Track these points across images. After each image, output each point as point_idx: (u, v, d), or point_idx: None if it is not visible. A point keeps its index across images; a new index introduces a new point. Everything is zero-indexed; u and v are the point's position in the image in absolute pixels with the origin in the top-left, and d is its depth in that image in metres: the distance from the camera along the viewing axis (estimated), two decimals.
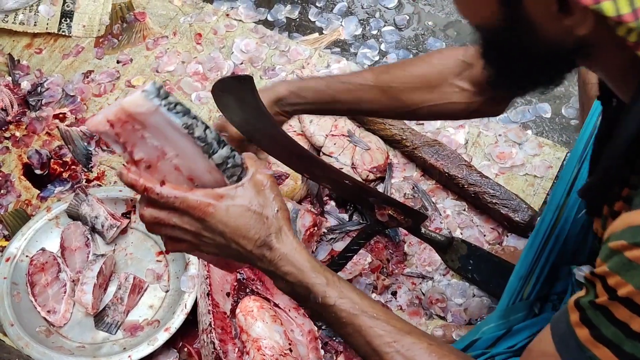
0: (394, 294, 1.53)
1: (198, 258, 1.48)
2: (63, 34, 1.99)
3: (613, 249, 0.71)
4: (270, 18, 2.02)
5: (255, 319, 1.35)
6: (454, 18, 2.00)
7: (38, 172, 1.75)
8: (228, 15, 2.01)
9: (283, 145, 1.22)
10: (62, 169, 1.75)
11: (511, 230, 1.58)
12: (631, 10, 0.66)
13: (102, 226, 1.57)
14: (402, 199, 1.62)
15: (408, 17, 2.01)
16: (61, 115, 1.84)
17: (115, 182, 1.72)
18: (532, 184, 1.66)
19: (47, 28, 1.99)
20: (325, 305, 0.83)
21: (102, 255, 1.52)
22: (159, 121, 0.81)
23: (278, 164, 1.63)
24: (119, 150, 0.84)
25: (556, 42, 0.72)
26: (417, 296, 1.53)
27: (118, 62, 1.94)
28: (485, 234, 1.59)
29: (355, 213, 1.63)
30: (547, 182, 1.66)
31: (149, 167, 0.83)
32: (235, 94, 1.21)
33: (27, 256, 1.55)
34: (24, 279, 1.52)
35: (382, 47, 1.94)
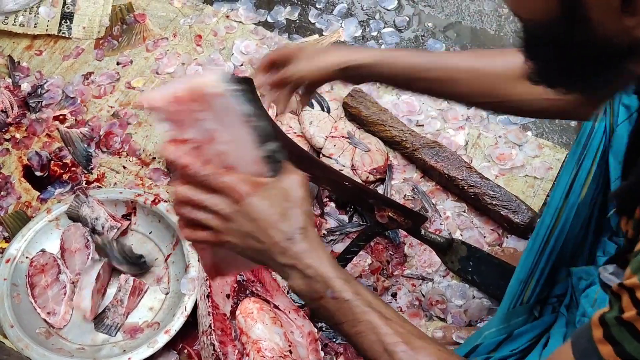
0: (394, 295, 1.53)
1: (198, 258, 1.48)
2: (63, 35, 1.99)
3: None
4: (270, 20, 2.02)
5: (255, 321, 1.35)
6: (454, 19, 2.00)
7: (38, 173, 1.75)
8: (228, 16, 2.02)
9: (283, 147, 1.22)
10: (62, 171, 1.75)
11: (511, 232, 1.58)
12: None
13: (103, 228, 1.56)
14: (402, 201, 1.62)
15: (408, 19, 2.01)
16: (61, 116, 1.84)
17: (116, 183, 1.72)
18: (532, 186, 1.66)
19: (47, 30, 1.99)
20: (341, 300, 0.84)
21: (100, 260, 1.52)
22: (224, 105, 0.85)
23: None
24: (166, 128, 0.86)
25: (611, 41, 0.70)
26: (417, 298, 1.53)
27: (118, 63, 1.94)
28: (485, 236, 1.59)
29: (355, 214, 1.63)
30: (547, 184, 1.66)
31: (196, 149, 0.86)
32: None
33: (27, 257, 1.55)
34: (24, 280, 1.52)
35: (382, 48, 1.94)
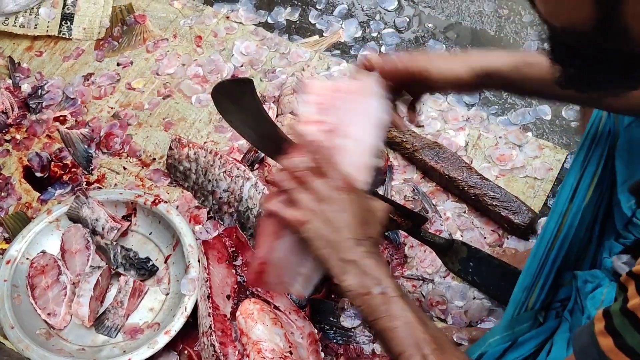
0: None
1: (198, 259, 1.48)
2: (63, 36, 1.99)
3: None
4: (270, 20, 2.02)
5: (256, 322, 1.35)
6: (454, 20, 2.00)
7: (38, 174, 1.75)
8: (228, 17, 2.02)
9: (283, 148, 1.22)
10: (62, 172, 1.75)
11: (511, 233, 1.58)
12: None
13: (103, 229, 1.57)
14: (402, 201, 1.62)
15: (408, 20, 2.01)
16: (61, 117, 1.84)
17: (116, 184, 1.72)
18: (533, 186, 1.66)
19: (47, 31, 1.99)
20: (387, 297, 0.90)
21: (99, 267, 1.52)
22: (370, 107, 0.96)
23: (278, 166, 1.63)
24: (308, 110, 0.97)
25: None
26: (418, 298, 1.53)
27: (118, 64, 1.94)
28: (485, 236, 1.59)
29: None
30: (548, 184, 1.66)
31: (324, 132, 0.96)
32: (235, 97, 1.21)
33: (27, 259, 1.55)
34: (25, 281, 1.52)
35: (382, 49, 1.94)
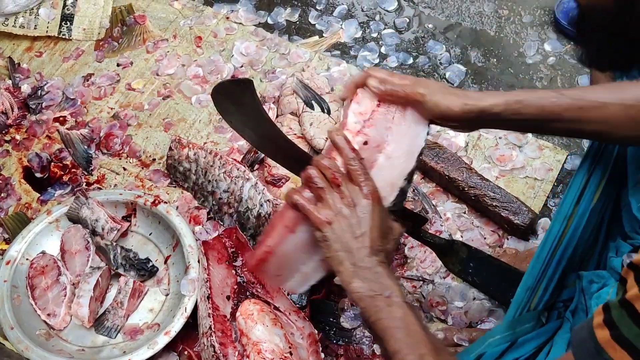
0: None
1: (198, 259, 1.48)
2: (63, 37, 1.99)
3: None
4: (270, 21, 2.02)
5: (256, 322, 1.35)
6: (454, 21, 2.00)
7: (38, 175, 1.75)
8: (228, 18, 2.02)
9: (283, 148, 1.22)
10: (62, 172, 1.75)
11: (511, 233, 1.58)
12: None
13: (103, 229, 1.56)
14: None
15: (408, 20, 2.01)
16: (61, 118, 1.84)
17: (116, 185, 1.72)
18: (533, 187, 1.66)
19: (47, 31, 1.99)
20: (392, 300, 0.94)
21: (99, 268, 1.52)
22: (412, 132, 1.01)
23: (278, 167, 1.63)
24: (354, 120, 1.01)
25: None
26: (418, 299, 1.53)
27: (118, 65, 1.94)
28: (485, 237, 1.59)
29: None
30: (548, 185, 1.66)
31: (365, 144, 1.00)
32: (235, 97, 1.21)
33: (27, 259, 1.55)
34: (24, 282, 1.52)
35: (382, 49, 1.94)
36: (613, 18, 0.73)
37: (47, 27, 1.99)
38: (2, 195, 1.72)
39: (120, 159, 1.77)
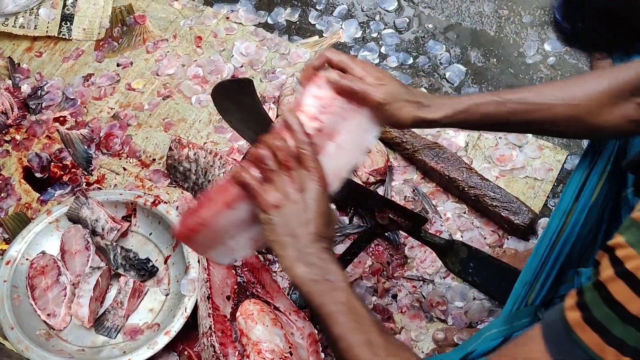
0: (395, 297, 1.53)
1: (198, 259, 1.48)
2: (63, 37, 1.99)
3: (634, 220, 0.70)
4: (270, 21, 2.02)
5: (256, 322, 1.35)
6: (454, 21, 2.00)
7: (38, 175, 1.75)
8: (228, 18, 2.02)
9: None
10: (62, 172, 1.75)
11: (511, 233, 1.58)
12: None
13: (103, 229, 1.56)
14: (402, 202, 1.62)
15: (408, 20, 2.01)
16: (61, 118, 1.84)
17: (116, 185, 1.72)
18: (533, 187, 1.66)
19: (47, 31, 1.99)
20: (335, 284, 0.93)
21: (99, 268, 1.52)
22: (364, 126, 1.00)
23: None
24: (311, 103, 0.99)
25: None
26: (418, 299, 1.53)
27: (118, 65, 1.94)
28: (485, 237, 1.59)
29: (356, 216, 1.63)
30: (548, 185, 1.66)
31: (318, 131, 0.98)
32: (235, 97, 1.21)
33: (27, 259, 1.55)
34: (24, 282, 1.52)
35: (382, 49, 1.94)
36: None
37: (47, 27, 1.99)
38: (2, 195, 1.72)
39: (120, 159, 1.77)
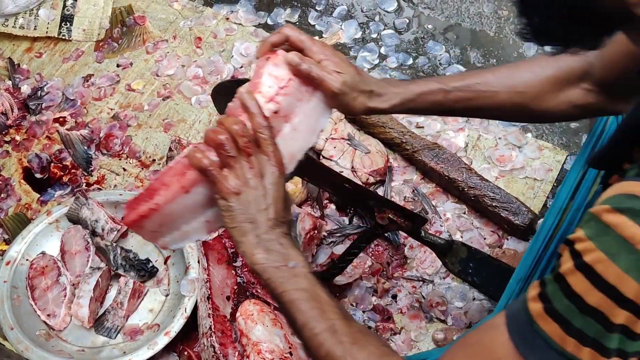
0: (394, 297, 1.53)
1: (198, 259, 1.48)
2: (63, 37, 1.99)
3: (593, 213, 0.71)
4: (270, 22, 2.02)
5: (256, 323, 1.35)
6: (454, 21, 2.00)
7: (38, 175, 1.75)
8: (228, 19, 2.02)
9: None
10: (62, 173, 1.75)
11: (511, 233, 1.58)
12: None
13: (103, 230, 1.56)
14: (402, 202, 1.62)
15: (408, 21, 2.01)
16: (61, 119, 1.84)
17: (116, 185, 1.72)
18: (532, 187, 1.66)
19: (47, 32, 1.99)
20: (296, 271, 0.92)
21: (99, 269, 1.52)
22: (319, 109, 1.00)
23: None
24: (267, 81, 0.98)
25: (608, 9, 0.69)
26: (418, 299, 1.53)
27: (118, 65, 1.94)
28: (485, 237, 1.59)
29: (355, 216, 1.63)
30: (547, 185, 1.66)
31: (275, 113, 0.97)
32: None
33: (27, 260, 1.55)
34: (24, 282, 1.52)
35: (382, 50, 1.94)
36: None
37: (47, 28, 1.99)
38: (2, 195, 1.72)
39: (120, 159, 1.77)
